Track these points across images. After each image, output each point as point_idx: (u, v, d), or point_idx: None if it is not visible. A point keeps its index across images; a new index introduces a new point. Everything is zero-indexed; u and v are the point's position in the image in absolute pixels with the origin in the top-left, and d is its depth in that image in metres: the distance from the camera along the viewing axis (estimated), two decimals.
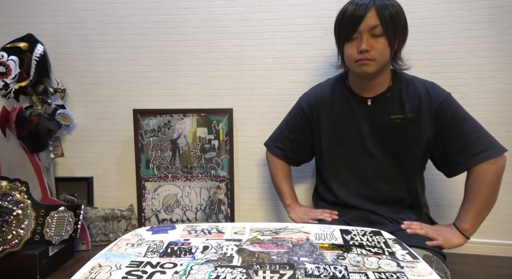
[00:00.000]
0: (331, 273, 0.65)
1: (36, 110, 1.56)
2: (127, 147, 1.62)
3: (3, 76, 1.47)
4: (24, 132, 1.48)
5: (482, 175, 1.03)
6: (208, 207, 1.59)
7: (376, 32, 1.00)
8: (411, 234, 1.03)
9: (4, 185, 1.32)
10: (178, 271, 0.67)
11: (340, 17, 1.06)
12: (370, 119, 1.11)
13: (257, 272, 0.65)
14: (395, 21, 1.01)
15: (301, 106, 1.24)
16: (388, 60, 1.07)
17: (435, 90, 1.09)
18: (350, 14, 1.01)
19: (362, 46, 1.00)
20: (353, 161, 1.15)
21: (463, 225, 1.05)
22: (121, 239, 0.83)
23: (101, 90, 1.63)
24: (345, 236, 0.82)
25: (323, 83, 1.26)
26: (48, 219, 1.34)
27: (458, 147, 1.05)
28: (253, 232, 0.84)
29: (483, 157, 1.02)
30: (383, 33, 1.00)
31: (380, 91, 1.10)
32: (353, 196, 1.15)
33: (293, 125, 1.26)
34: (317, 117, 1.20)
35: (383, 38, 1.01)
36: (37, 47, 1.54)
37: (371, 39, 1.01)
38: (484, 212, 1.05)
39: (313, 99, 1.22)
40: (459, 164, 1.06)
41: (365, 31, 1.00)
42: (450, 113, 1.05)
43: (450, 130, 1.06)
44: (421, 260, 0.70)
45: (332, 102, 1.18)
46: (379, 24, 0.99)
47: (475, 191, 1.04)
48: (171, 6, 1.56)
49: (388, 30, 1.00)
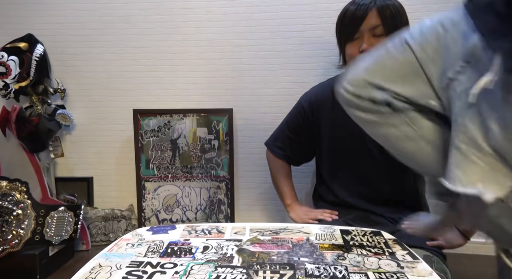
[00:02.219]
0: (331, 273, 0.65)
1: (36, 110, 1.56)
2: (127, 147, 1.62)
3: (3, 76, 1.47)
4: (24, 132, 1.48)
5: None
6: (208, 207, 1.59)
7: (377, 32, 1.00)
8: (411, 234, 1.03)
9: (4, 185, 1.32)
10: (178, 271, 0.67)
11: (341, 17, 1.06)
12: None
13: (257, 272, 0.65)
14: (396, 21, 1.01)
15: (302, 105, 1.24)
16: None
17: None
18: (351, 14, 1.02)
19: (363, 46, 1.01)
20: (353, 160, 1.15)
21: (464, 226, 1.05)
22: (121, 239, 0.83)
23: (101, 90, 1.63)
24: (345, 236, 0.82)
25: (324, 83, 1.26)
26: (48, 219, 1.34)
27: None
28: (253, 232, 0.84)
29: None
30: (384, 33, 1.00)
31: None
32: (354, 196, 1.15)
33: (294, 125, 1.26)
34: (317, 117, 1.20)
35: (384, 37, 1.00)
36: (37, 47, 1.54)
37: (372, 39, 1.01)
38: None
39: (314, 99, 1.22)
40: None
41: (367, 31, 1.01)
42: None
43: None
44: (421, 260, 0.70)
45: (333, 102, 1.17)
46: (380, 24, 1.00)
47: None
48: (171, 6, 1.56)
49: (389, 30, 1.00)
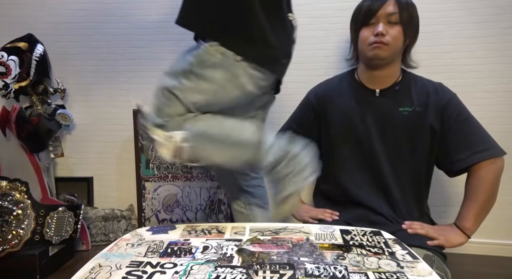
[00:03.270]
0: (331, 273, 0.65)
1: (36, 110, 1.56)
2: (127, 147, 1.62)
3: (3, 76, 1.47)
4: (24, 132, 1.48)
5: (483, 174, 1.04)
6: (208, 207, 1.59)
7: (393, 19, 1.06)
8: (412, 233, 1.03)
9: (4, 185, 1.32)
10: (178, 271, 0.67)
11: (360, 5, 1.12)
12: (378, 110, 1.13)
13: (257, 272, 0.65)
14: (411, 12, 1.08)
15: (309, 99, 1.27)
16: (400, 50, 1.11)
17: (443, 89, 1.12)
18: (370, 0, 1.08)
19: (378, 29, 1.05)
20: (359, 152, 1.15)
21: (464, 224, 1.05)
22: (121, 239, 0.83)
23: (101, 90, 1.63)
24: (345, 236, 0.82)
25: (331, 79, 1.29)
26: (48, 219, 1.34)
27: (460, 144, 1.07)
28: (253, 232, 0.84)
29: (484, 155, 1.04)
30: (400, 21, 1.06)
31: (388, 84, 1.13)
32: (360, 186, 1.15)
33: (301, 119, 1.27)
34: (324, 109, 1.22)
35: (399, 26, 1.06)
36: (37, 47, 1.54)
37: (387, 25, 1.06)
38: (485, 211, 1.06)
39: (320, 92, 1.25)
40: (461, 160, 1.07)
41: (383, 17, 1.06)
42: (456, 113, 1.08)
43: (454, 129, 1.08)
44: (421, 260, 0.70)
45: (340, 94, 1.19)
46: (397, 12, 1.05)
47: (476, 190, 1.05)
48: (171, 6, 1.56)
49: (404, 18, 1.06)
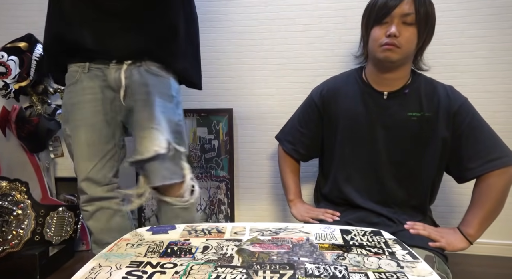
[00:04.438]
0: (331, 273, 0.65)
1: (36, 110, 1.56)
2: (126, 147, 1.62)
3: (3, 76, 1.47)
4: (24, 132, 1.48)
5: (493, 183, 1.01)
6: (208, 207, 1.59)
7: (408, 19, 0.99)
8: (414, 234, 1.03)
9: (4, 185, 1.32)
10: (178, 271, 0.67)
11: (374, 1, 1.05)
12: (385, 114, 1.08)
13: (257, 272, 0.65)
14: (429, 13, 1.00)
15: (313, 99, 1.22)
16: (413, 53, 1.05)
17: (454, 93, 1.07)
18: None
19: (391, 30, 0.98)
20: (363, 155, 1.12)
21: (468, 230, 1.03)
22: (121, 239, 0.83)
23: None
24: (345, 236, 0.82)
25: (337, 76, 1.23)
26: (48, 219, 1.34)
27: (472, 152, 1.03)
28: (253, 232, 0.84)
29: (496, 164, 1.00)
30: (415, 23, 0.99)
31: (397, 87, 1.08)
32: (360, 189, 1.12)
33: (305, 119, 1.24)
34: (328, 110, 1.18)
35: (413, 27, 1.00)
36: (37, 47, 1.54)
37: (401, 26, 0.99)
38: (491, 219, 1.03)
39: (325, 92, 1.19)
40: (472, 169, 1.03)
41: (397, 17, 0.99)
42: (468, 118, 1.03)
43: (465, 135, 1.03)
44: (421, 260, 0.70)
45: (345, 94, 1.15)
46: (413, 13, 0.98)
47: (484, 198, 1.02)
48: None
49: (420, 20, 0.99)
